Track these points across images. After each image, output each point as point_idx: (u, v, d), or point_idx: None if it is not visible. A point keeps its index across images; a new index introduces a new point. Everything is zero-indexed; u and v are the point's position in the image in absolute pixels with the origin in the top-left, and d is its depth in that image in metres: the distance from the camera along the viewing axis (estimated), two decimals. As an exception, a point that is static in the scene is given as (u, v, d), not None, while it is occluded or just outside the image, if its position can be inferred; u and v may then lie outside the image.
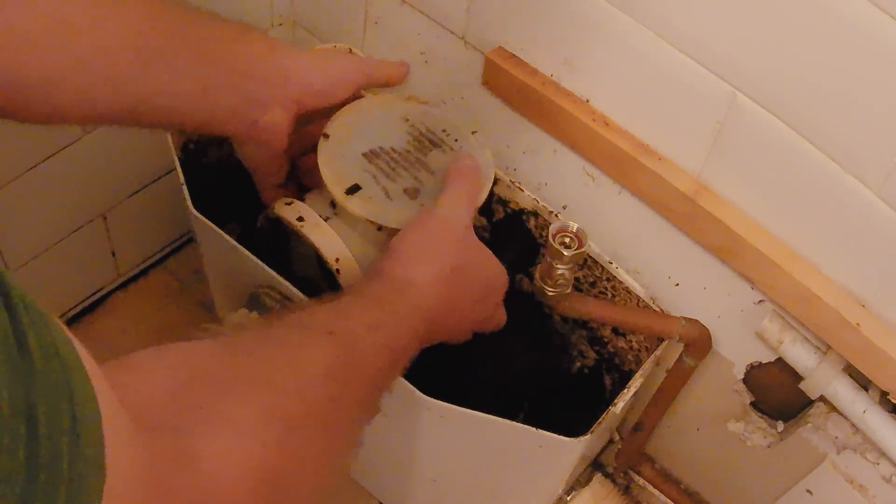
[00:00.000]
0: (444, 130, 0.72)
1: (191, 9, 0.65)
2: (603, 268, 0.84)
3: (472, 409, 0.71)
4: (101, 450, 0.29)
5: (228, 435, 0.40)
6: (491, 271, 0.69)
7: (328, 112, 0.72)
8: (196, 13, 0.65)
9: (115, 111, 0.61)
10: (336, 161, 0.68)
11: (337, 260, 0.69)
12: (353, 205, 0.67)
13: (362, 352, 0.53)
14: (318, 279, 0.78)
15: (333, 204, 0.70)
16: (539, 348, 0.95)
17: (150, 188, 1.07)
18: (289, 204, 0.71)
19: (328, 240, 0.69)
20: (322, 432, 0.47)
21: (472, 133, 0.73)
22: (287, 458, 0.43)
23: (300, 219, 0.69)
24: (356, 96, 0.73)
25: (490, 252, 0.68)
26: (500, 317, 0.73)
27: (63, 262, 1.03)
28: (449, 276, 0.63)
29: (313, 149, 0.71)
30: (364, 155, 0.69)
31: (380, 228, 0.69)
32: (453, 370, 0.83)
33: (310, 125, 0.74)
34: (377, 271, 0.63)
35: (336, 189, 0.67)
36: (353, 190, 0.68)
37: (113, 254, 1.10)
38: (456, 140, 0.72)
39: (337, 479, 0.50)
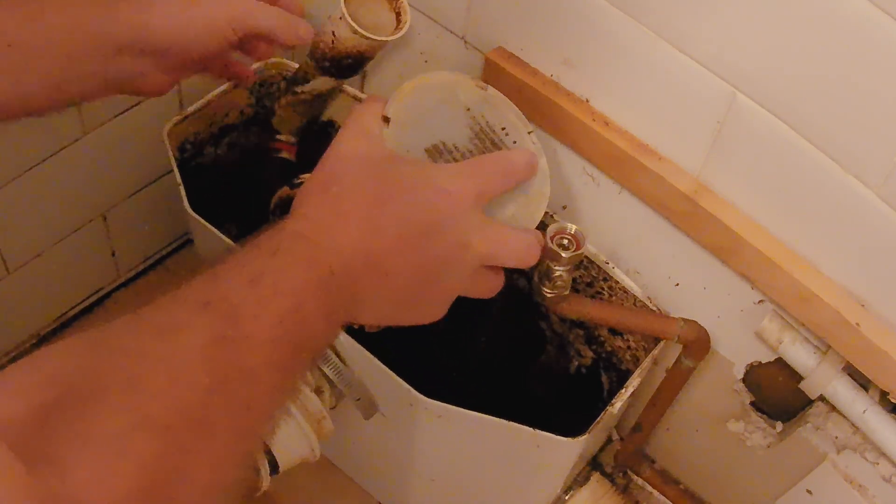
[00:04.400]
0: (503, 129, 0.64)
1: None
2: (599, 268, 0.84)
3: (469, 407, 0.71)
4: None
5: (103, 457, 0.38)
6: (439, 193, 0.52)
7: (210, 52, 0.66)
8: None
9: None
10: (398, 150, 0.60)
11: None
12: None
13: (245, 315, 0.45)
14: None
15: None
16: (533, 346, 0.95)
17: (150, 188, 1.07)
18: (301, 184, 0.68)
19: None
20: (205, 429, 0.42)
21: (529, 133, 0.66)
22: (168, 467, 0.40)
23: None
24: (235, 42, 0.67)
25: (448, 170, 0.54)
26: (489, 278, 0.57)
27: (63, 262, 1.03)
28: (363, 200, 0.51)
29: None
30: (427, 151, 0.61)
31: None
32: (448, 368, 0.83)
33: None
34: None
35: None
36: None
37: (113, 254, 1.10)
38: (514, 142, 0.65)
39: (241, 471, 0.45)
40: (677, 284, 0.83)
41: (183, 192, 0.78)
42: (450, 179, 0.53)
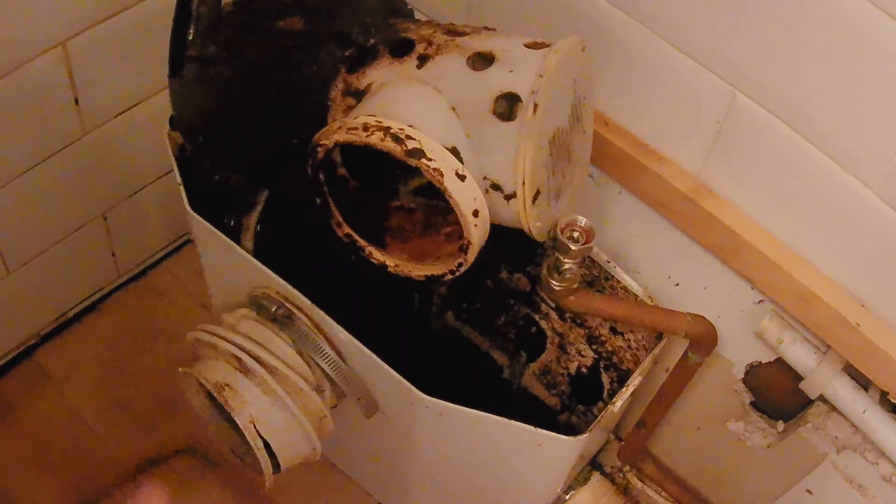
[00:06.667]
0: (584, 98, 0.67)
1: None
2: (601, 267, 0.84)
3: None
4: None
5: None
6: None
7: None
8: None
9: None
10: (537, 152, 0.61)
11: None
12: (534, 215, 0.62)
13: None
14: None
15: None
16: (533, 346, 0.95)
17: (150, 188, 1.07)
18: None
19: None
20: None
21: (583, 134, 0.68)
22: None
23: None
24: None
25: None
26: None
27: (63, 262, 1.03)
28: None
29: None
30: (550, 142, 0.63)
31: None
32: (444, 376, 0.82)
33: None
34: None
35: (529, 190, 0.61)
36: (536, 196, 0.63)
37: (113, 254, 1.10)
38: (586, 111, 0.67)
39: None
40: (677, 284, 0.83)
41: (183, 193, 0.78)
42: None
